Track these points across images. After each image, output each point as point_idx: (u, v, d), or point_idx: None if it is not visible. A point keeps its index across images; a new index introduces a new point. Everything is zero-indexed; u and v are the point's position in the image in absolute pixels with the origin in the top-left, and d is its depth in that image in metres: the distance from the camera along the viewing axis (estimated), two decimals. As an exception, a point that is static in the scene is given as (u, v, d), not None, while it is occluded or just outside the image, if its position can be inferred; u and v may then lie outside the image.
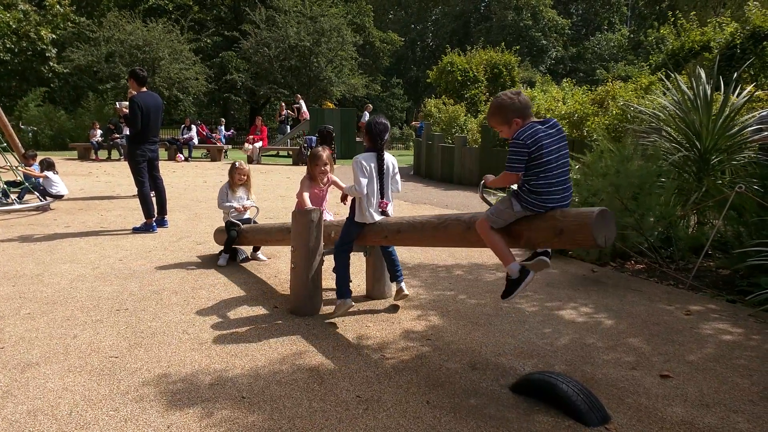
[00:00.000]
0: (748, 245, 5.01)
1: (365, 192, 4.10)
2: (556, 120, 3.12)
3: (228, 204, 5.95)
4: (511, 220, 3.13)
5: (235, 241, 5.76)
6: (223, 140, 20.59)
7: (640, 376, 3.37)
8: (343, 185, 4.72)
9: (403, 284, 4.50)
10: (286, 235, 5.21)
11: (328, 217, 5.01)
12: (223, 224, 5.97)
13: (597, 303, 4.72)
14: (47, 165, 9.20)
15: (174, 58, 26.17)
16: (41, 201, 8.84)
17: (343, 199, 4.60)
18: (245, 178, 6.08)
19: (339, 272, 4.25)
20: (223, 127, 21.86)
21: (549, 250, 3.26)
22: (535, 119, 3.10)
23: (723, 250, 5.76)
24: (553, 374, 3.09)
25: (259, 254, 6.04)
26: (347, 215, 4.34)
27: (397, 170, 4.34)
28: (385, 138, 4.20)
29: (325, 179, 4.87)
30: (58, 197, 9.15)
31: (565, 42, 48.78)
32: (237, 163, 6.11)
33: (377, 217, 4.19)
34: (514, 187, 3.19)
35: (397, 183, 4.36)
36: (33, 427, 2.73)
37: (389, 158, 4.28)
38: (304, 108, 21.91)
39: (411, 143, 24.10)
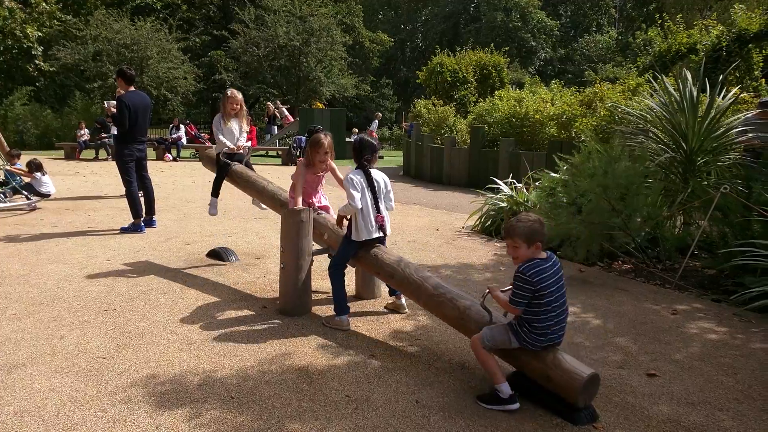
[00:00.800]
0: (733, 245, 5.07)
1: (360, 205, 4.01)
2: (554, 255, 3.07)
3: (222, 140, 5.76)
4: (506, 349, 3.08)
5: (224, 178, 5.73)
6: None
7: (627, 374, 3.41)
8: (341, 175, 4.63)
9: (403, 300, 4.43)
10: (276, 204, 5.20)
11: (323, 201, 4.94)
12: (214, 155, 5.84)
13: (584, 303, 4.76)
14: (36, 167, 9.05)
15: (162, 57, 26.05)
16: (28, 200, 8.75)
17: (339, 222, 4.38)
18: (238, 107, 5.86)
19: (336, 290, 4.16)
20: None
21: None
22: (540, 256, 3.00)
23: (708, 250, 5.82)
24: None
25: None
26: (344, 233, 4.25)
27: (390, 188, 4.25)
28: (372, 156, 4.17)
29: (325, 166, 4.73)
30: (46, 195, 9.06)
31: (554, 43, 49.03)
32: (229, 92, 5.88)
33: (376, 234, 4.10)
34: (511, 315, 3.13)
35: (391, 201, 4.25)
36: (20, 428, 2.71)
37: (379, 174, 4.21)
38: (286, 113, 22.00)
39: (400, 144, 24.14)
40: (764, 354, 3.75)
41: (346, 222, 4.26)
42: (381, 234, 4.15)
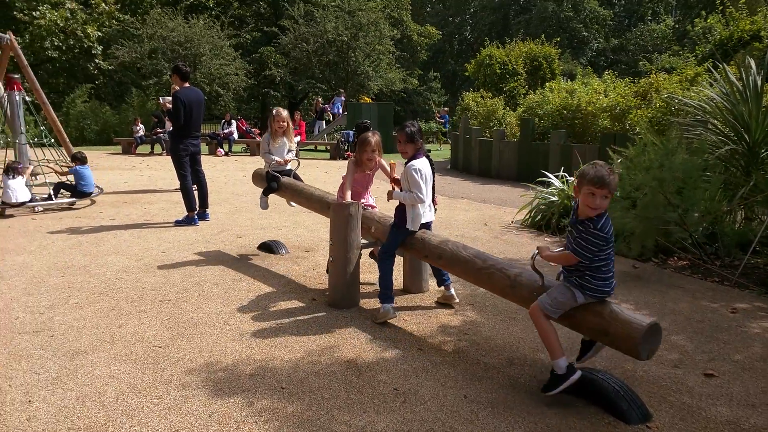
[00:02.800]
0: (799, 242, 4.84)
1: (426, 199, 4.11)
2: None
3: (270, 156, 5.97)
4: (570, 308, 3.00)
5: (274, 191, 5.89)
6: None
7: (682, 374, 3.30)
8: (388, 168, 4.70)
9: (452, 290, 4.45)
10: (324, 206, 5.25)
11: (370, 200, 4.98)
12: (264, 172, 6.05)
13: (638, 299, 4.63)
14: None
15: (214, 53, 26.58)
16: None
17: (396, 182, 4.35)
18: (285, 125, 6.01)
19: (383, 277, 4.18)
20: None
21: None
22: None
23: (772, 247, 5.58)
24: (593, 371, 3.05)
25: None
26: (392, 221, 4.31)
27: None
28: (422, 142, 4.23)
29: (373, 164, 4.77)
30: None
31: (607, 33, 47.75)
32: (275, 111, 6.05)
33: (428, 218, 4.22)
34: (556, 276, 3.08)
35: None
36: (81, 413, 2.83)
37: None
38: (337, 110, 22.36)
39: (446, 138, 24.01)
40: (832, 355, 3.57)
41: (396, 189, 4.25)
42: (432, 217, 4.25)
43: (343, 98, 23.48)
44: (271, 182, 5.91)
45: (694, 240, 5.70)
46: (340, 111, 22.37)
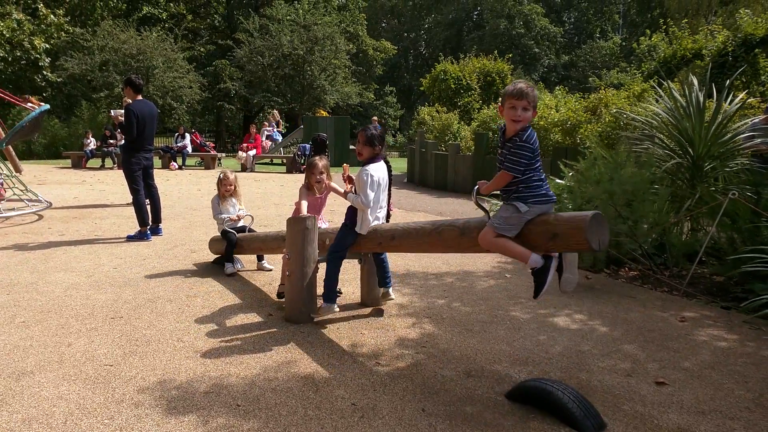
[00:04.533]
0: (742, 252, 5.03)
1: (371, 206, 4.13)
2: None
3: (222, 215, 5.96)
4: (521, 226, 3.11)
5: (235, 245, 5.75)
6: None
7: (635, 383, 3.38)
8: (342, 190, 4.72)
9: (390, 289, 4.56)
10: (281, 243, 5.20)
11: (323, 225, 5.01)
12: (219, 234, 5.96)
13: (591, 310, 4.73)
14: None
15: (168, 66, 26.22)
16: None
17: (350, 180, 4.40)
18: (232, 188, 6.06)
19: (329, 277, 4.23)
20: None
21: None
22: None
23: (717, 257, 5.78)
24: (549, 381, 3.09)
25: (264, 263, 6.00)
26: (343, 221, 4.35)
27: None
28: (383, 147, 4.29)
29: (323, 187, 4.88)
30: None
31: (558, 50, 49.07)
32: (221, 175, 6.08)
33: (379, 222, 4.26)
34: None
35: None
36: (27, 437, 2.71)
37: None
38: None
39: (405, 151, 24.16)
40: (774, 361, 3.72)
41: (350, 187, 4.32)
42: (384, 221, 4.33)
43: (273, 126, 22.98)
44: (229, 234, 5.76)
45: (643, 251, 5.87)
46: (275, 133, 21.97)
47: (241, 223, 6.05)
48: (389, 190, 4.35)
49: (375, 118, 26.69)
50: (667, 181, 6.27)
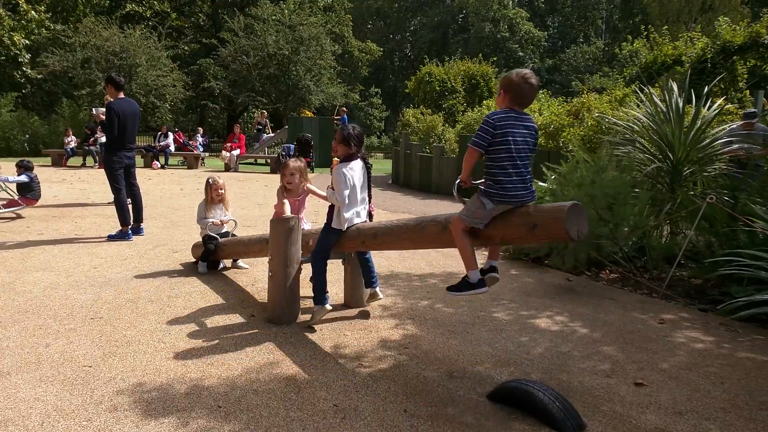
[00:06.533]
0: (719, 255, 5.11)
1: (346, 202, 4.15)
2: (531, 118, 3.21)
3: (206, 219, 5.91)
4: (487, 219, 3.19)
5: (213, 253, 5.70)
6: (200, 148, 20.41)
7: (614, 383, 3.42)
8: (320, 192, 4.76)
9: (377, 289, 4.58)
10: (264, 246, 5.18)
11: (305, 226, 5.01)
12: (201, 239, 5.92)
13: (572, 311, 4.78)
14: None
15: (151, 64, 25.96)
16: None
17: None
18: (222, 193, 6.01)
19: (317, 279, 4.26)
20: (200, 135, 21.65)
21: (496, 265, 3.51)
22: (518, 109, 3.18)
23: (695, 260, 5.87)
24: (530, 382, 3.12)
25: (240, 262, 5.99)
26: (324, 222, 4.36)
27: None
28: (361, 147, 4.29)
29: (300, 188, 4.88)
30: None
31: (542, 54, 49.44)
32: (211, 180, 6.00)
33: (360, 220, 4.28)
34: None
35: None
36: (3, 439, 2.68)
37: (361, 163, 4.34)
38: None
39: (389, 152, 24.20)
40: (750, 363, 3.78)
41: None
42: (367, 219, 4.36)
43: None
44: (209, 243, 5.71)
45: (624, 254, 5.94)
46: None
47: (225, 229, 6.02)
48: (369, 189, 4.38)
49: (344, 109, 26.69)
50: (648, 185, 6.35)
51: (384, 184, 15.27)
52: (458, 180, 3.38)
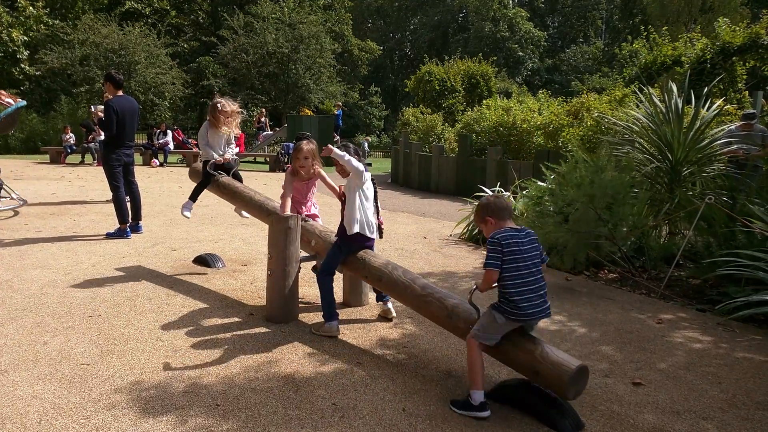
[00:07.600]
0: (718, 255, 5.12)
1: (362, 168, 4.02)
2: (531, 231, 3.15)
3: (211, 152, 5.70)
4: (499, 335, 3.07)
5: (206, 186, 5.66)
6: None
7: (612, 383, 3.42)
8: (331, 181, 4.69)
9: (390, 305, 4.46)
10: (263, 213, 5.16)
11: (313, 209, 4.94)
12: (201, 166, 5.74)
13: (570, 311, 4.78)
14: None
15: (150, 62, 25.93)
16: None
17: (339, 192, 4.40)
18: (230, 121, 5.66)
19: (325, 296, 4.13)
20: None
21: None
22: (512, 226, 3.11)
23: (693, 260, 5.88)
24: (528, 382, 3.12)
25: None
26: (335, 235, 4.27)
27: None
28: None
29: (311, 171, 4.70)
30: None
31: (541, 54, 49.46)
32: (219, 102, 5.67)
33: (372, 234, 4.15)
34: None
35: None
36: (1, 436, 2.67)
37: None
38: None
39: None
40: (748, 363, 3.79)
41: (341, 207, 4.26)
42: (378, 236, 4.23)
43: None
44: (206, 178, 5.57)
45: (622, 253, 5.94)
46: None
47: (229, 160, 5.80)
48: (376, 204, 4.28)
49: (339, 104, 26.64)
50: (647, 185, 6.36)
51: (383, 183, 15.27)
52: (475, 287, 3.18)
